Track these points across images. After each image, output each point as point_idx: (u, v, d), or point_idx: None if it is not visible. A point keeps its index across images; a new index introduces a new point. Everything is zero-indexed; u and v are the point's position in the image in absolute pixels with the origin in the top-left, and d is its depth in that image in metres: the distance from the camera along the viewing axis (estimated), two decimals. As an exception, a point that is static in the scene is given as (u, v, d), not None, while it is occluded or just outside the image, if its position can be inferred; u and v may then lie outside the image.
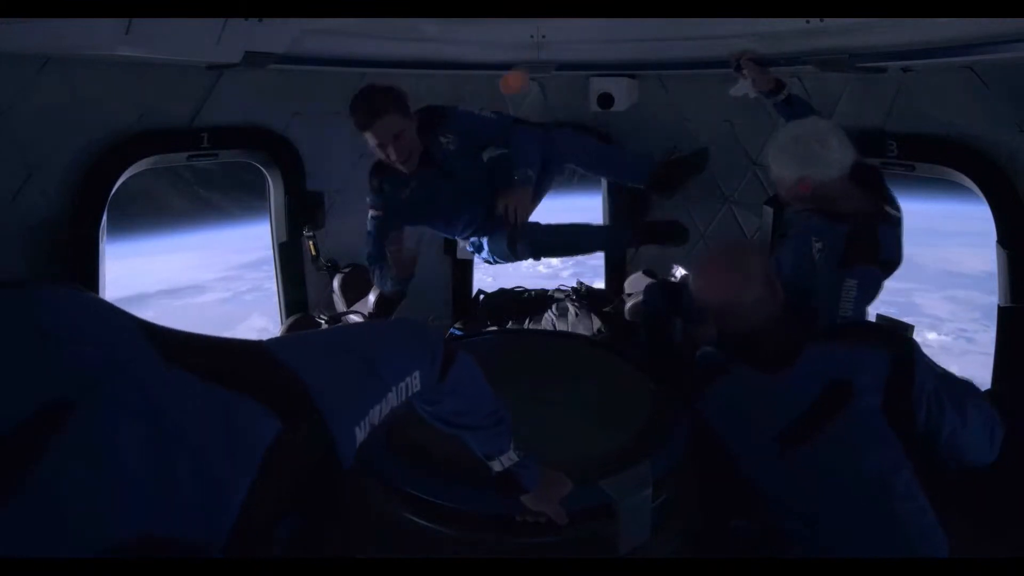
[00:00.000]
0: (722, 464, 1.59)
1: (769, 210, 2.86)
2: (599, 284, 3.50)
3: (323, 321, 2.90)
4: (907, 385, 1.45)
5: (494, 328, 2.84)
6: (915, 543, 1.37)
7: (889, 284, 2.07)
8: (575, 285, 3.29)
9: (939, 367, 1.59)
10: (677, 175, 2.65)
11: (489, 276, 3.10)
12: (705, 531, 1.58)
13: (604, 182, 3.37)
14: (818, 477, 1.45)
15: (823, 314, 1.95)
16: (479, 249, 2.64)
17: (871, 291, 1.97)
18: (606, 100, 2.92)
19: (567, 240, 2.58)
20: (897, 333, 1.65)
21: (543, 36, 2.54)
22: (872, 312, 2.09)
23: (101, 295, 2.13)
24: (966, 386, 1.57)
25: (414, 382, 0.98)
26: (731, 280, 1.59)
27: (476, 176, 2.42)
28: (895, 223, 2.07)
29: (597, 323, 2.89)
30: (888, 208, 2.07)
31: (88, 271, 2.09)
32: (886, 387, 1.45)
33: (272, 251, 2.91)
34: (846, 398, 1.45)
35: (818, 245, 2.09)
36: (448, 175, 2.40)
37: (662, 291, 2.46)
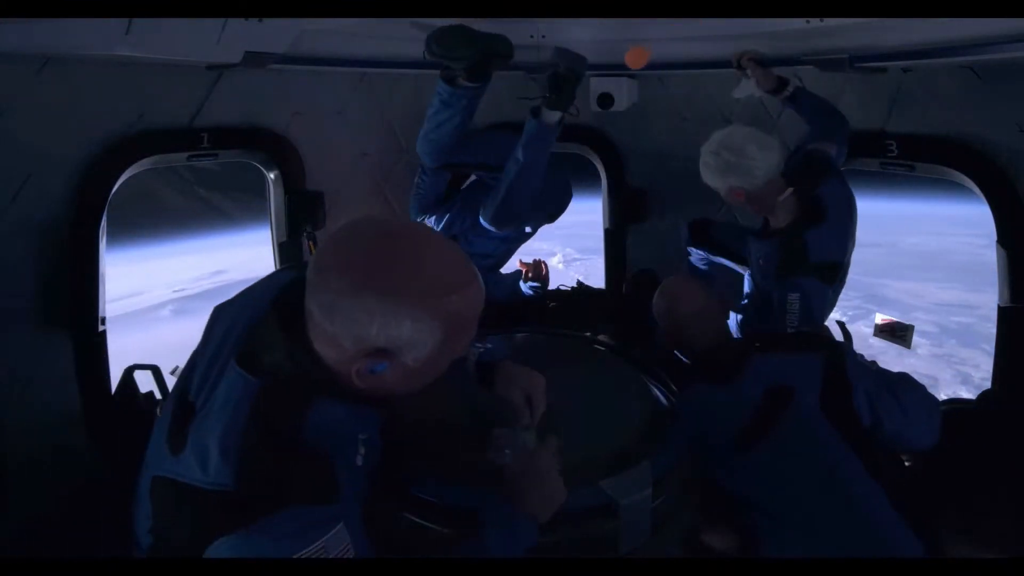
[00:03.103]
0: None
1: (769, 210, 2.86)
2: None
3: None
4: (842, 384, 1.60)
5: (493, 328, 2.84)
6: (873, 523, 1.45)
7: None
8: (575, 285, 3.29)
9: (874, 365, 1.75)
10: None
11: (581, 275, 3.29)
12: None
13: (604, 184, 3.36)
14: (773, 475, 1.54)
15: (778, 328, 2.07)
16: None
17: (815, 302, 2.02)
18: (606, 100, 2.92)
19: (511, 181, 2.54)
20: (829, 339, 1.83)
21: (543, 36, 2.54)
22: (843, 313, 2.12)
23: (101, 295, 2.13)
24: (900, 377, 1.73)
25: None
26: (684, 304, 1.86)
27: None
28: (829, 221, 2.07)
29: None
30: (818, 208, 2.08)
31: (88, 271, 2.08)
32: (823, 388, 1.61)
33: (272, 251, 2.91)
34: (786, 401, 1.59)
35: (760, 263, 2.20)
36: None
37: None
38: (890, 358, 2.92)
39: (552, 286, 3.18)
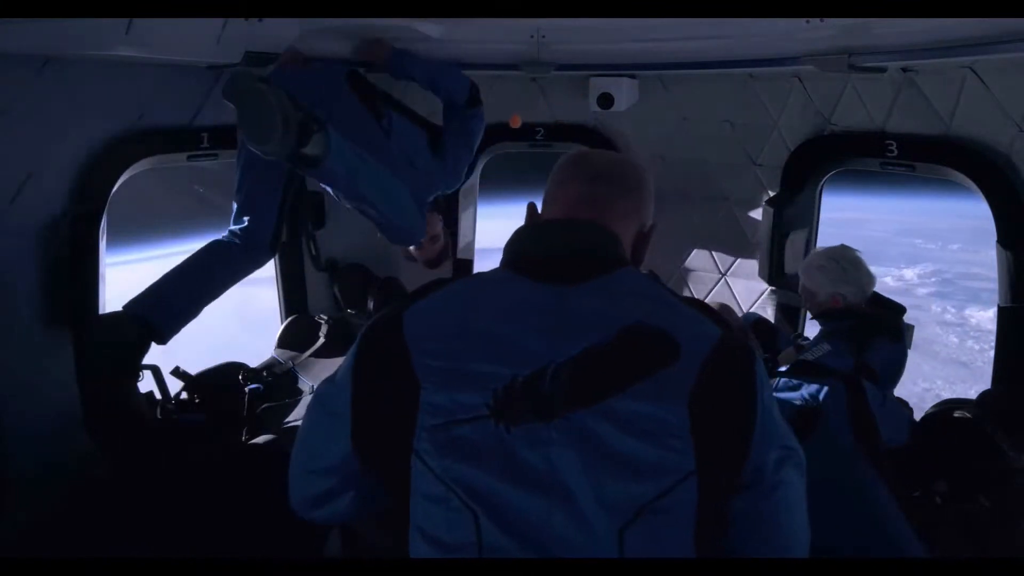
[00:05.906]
0: None
1: (769, 210, 2.86)
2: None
3: (323, 321, 2.90)
4: (863, 405, 1.74)
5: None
6: (890, 522, 1.53)
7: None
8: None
9: None
10: None
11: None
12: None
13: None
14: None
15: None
16: None
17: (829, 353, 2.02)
18: (606, 100, 2.92)
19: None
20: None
21: (543, 36, 2.54)
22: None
23: (101, 295, 2.13)
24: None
25: None
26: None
27: None
28: (897, 346, 2.10)
29: None
30: (896, 328, 2.13)
31: (88, 271, 2.08)
32: (847, 405, 1.73)
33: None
34: (815, 420, 1.70)
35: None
36: None
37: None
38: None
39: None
